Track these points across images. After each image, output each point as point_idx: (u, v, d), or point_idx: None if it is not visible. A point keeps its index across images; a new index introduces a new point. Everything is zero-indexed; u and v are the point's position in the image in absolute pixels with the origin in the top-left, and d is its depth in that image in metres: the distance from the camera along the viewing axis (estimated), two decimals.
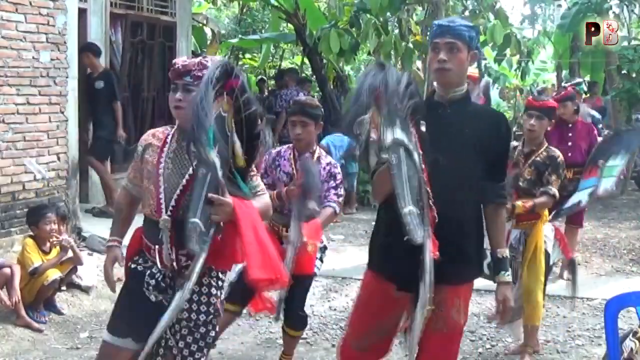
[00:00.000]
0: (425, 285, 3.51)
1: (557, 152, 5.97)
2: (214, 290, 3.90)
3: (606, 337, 3.99)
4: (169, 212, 3.77)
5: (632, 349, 4.19)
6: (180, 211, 3.72)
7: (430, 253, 3.50)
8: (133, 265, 4.01)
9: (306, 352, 6.28)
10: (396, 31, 15.31)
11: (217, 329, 4.03)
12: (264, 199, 3.90)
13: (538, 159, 5.90)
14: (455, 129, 3.84)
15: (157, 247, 3.84)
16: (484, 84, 7.82)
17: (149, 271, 3.90)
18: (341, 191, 5.62)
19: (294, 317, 5.66)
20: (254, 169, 3.92)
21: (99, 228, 9.25)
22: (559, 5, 22.55)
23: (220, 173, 3.48)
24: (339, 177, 5.59)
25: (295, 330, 5.74)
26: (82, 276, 7.58)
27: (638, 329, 4.14)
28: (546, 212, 5.99)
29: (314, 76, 16.04)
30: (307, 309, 6.81)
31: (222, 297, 4.05)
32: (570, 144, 8.27)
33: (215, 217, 3.53)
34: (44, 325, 6.76)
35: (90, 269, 7.87)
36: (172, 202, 3.78)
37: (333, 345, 6.40)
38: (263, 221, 3.80)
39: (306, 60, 17.48)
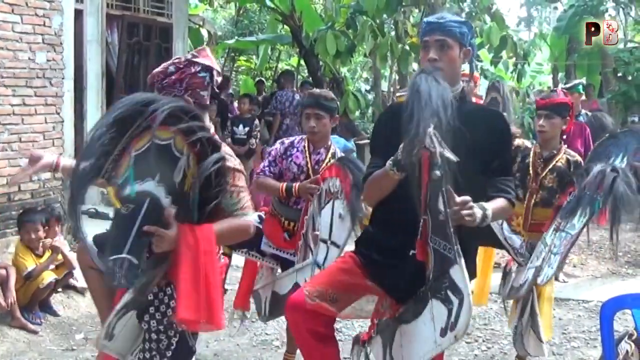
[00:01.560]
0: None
1: (577, 157, 5.58)
2: (172, 303, 3.63)
3: (602, 339, 3.99)
4: None
5: (627, 351, 4.18)
6: None
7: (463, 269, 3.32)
8: None
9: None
10: (392, 33, 15.35)
11: (174, 341, 3.72)
12: (237, 221, 3.62)
13: (559, 164, 5.48)
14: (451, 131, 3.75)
15: None
16: (499, 86, 7.69)
17: None
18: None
19: None
20: (237, 184, 3.66)
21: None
22: (555, 8, 22.63)
23: (163, 201, 3.33)
24: None
25: None
26: (77, 278, 7.56)
27: (634, 331, 4.13)
28: None
29: (310, 78, 16.04)
30: None
31: None
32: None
33: (156, 247, 3.36)
34: (39, 327, 6.75)
35: None
36: None
37: None
38: (236, 240, 3.75)
39: (303, 62, 17.48)
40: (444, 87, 3.42)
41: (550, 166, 5.47)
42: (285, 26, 17.21)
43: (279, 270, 5.55)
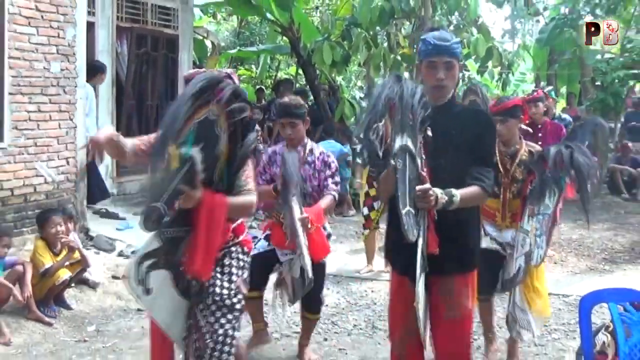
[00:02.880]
0: (417, 280, 3.67)
1: (537, 147, 5.72)
2: (234, 270, 4.06)
3: (580, 331, 4.01)
4: None
5: (604, 342, 4.21)
6: None
7: (422, 250, 3.66)
8: None
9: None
10: (385, 44, 15.35)
11: (242, 305, 4.11)
12: (243, 198, 3.95)
13: (524, 157, 5.57)
14: (443, 131, 3.84)
15: None
16: (476, 89, 7.81)
17: None
18: (337, 178, 5.75)
19: (312, 300, 5.74)
20: (247, 169, 3.99)
21: (106, 228, 9.26)
22: (537, 21, 22.68)
23: (199, 167, 3.66)
24: (334, 165, 5.72)
25: (313, 313, 5.87)
26: (90, 272, 7.58)
27: (610, 324, 4.15)
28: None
29: (308, 86, 16.05)
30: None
31: (245, 276, 4.15)
32: (540, 143, 8.27)
33: (182, 203, 3.68)
34: (54, 320, 6.76)
35: (98, 267, 7.89)
36: None
37: (325, 339, 6.42)
38: (240, 216, 4.11)
39: (300, 71, 17.48)
40: (411, 89, 3.64)
41: (517, 160, 5.55)
42: (284, 37, 17.20)
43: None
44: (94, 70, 10.00)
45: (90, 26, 10.13)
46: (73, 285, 7.34)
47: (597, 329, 4.30)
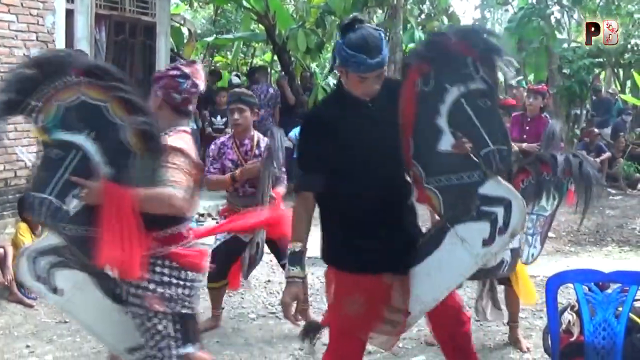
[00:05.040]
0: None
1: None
2: (151, 286, 3.66)
3: (547, 311, 4.05)
4: None
5: (569, 321, 4.27)
6: None
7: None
8: None
9: (275, 325, 6.31)
10: None
11: (165, 325, 3.71)
12: (159, 189, 3.48)
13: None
14: (379, 119, 3.64)
15: None
16: None
17: None
18: (284, 169, 5.92)
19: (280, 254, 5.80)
20: (172, 161, 3.59)
21: None
22: (506, 10, 22.69)
23: (93, 157, 3.42)
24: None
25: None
26: None
27: (575, 303, 4.21)
28: None
29: (283, 72, 16.02)
30: (276, 286, 6.86)
31: (171, 292, 3.71)
32: (525, 136, 8.28)
33: (82, 198, 3.43)
34: (35, 301, 6.73)
35: None
36: None
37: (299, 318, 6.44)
38: (158, 210, 3.51)
39: (276, 58, 17.44)
40: None
41: None
42: (260, 25, 17.15)
43: None
44: None
45: (70, 13, 10.05)
46: None
47: (563, 309, 4.36)
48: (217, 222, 10.39)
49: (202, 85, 3.96)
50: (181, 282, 3.73)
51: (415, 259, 3.72)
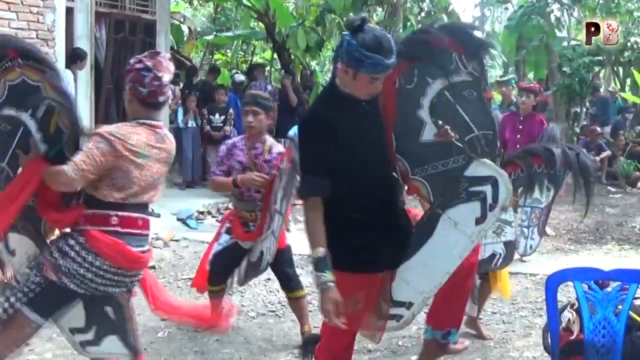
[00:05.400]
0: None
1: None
2: (55, 253, 3.81)
3: (547, 309, 4.05)
4: None
5: (569, 319, 4.26)
6: None
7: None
8: None
9: (275, 323, 6.31)
10: None
11: (37, 285, 3.85)
12: (58, 167, 3.70)
13: None
14: (374, 118, 3.69)
15: None
16: None
17: None
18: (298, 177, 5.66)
19: (286, 278, 5.69)
20: (87, 145, 3.75)
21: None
22: (506, 8, 22.71)
23: (33, 133, 3.84)
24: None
25: (294, 290, 5.71)
26: None
27: (575, 301, 4.20)
28: None
29: (283, 70, 16.03)
30: (276, 285, 6.86)
31: (64, 264, 3.79)
32: (519, 136, 8.23)
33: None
34: None
35: None
36: None
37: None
38: (52, 184, 3.76)
39: (276, 56, 17.45)
40: None
41: None
42: (260, 23, 17.15)
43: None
44: (74, 57, 9.91)
45: (70, 11, 10.05)
46: None
47: (562, 307, 4.35)
48: (217, 221, 10.48)
49: (166, 77, 3.89)
50: (83, 263, 3.78)
51: (409, 251, 3.78)
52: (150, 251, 4.10)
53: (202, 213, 10.58)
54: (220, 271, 5.67)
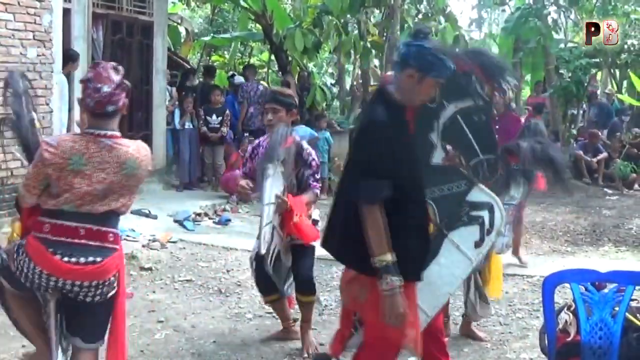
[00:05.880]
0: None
1: None
2: (15, 248, 3.96)
3: (544, 311, 4.06)
4: None
5: (566, 320, 4.26)
6: None
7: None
8: None
9: (272, 325, 6.27)
10: (355, 32, 15.39)
11: None
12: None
13: None
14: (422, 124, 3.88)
15: None
16: None
17: None
18: (318, 176, 5.62)
19: (301, 283, 5.58)
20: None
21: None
22: (503, 10, 22.77)
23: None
24: (314, 163, 5.56)
25: (305, 295, 5.62)
26: None
27: (572, 303, 4.21)
28: None
29: (280, 72, 16.04)
30: None
31: (17, 262, 3.89)
32: (496, 135, 8.23)
33: None
34: None
35: None
36: None
37: (296, 320, 6.43)
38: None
39: (273, 57, 17.45)
40: None
41: None
42: (257, 24, 17.15)
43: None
44: (67, 59, 9.89)
45: (67, 12, 10.02)
46: None
47: (559, 309, 4.35)
48: (214, 222, 10.49)
49: (105, 88, 3.79)
50: (24, 263, 3.84)
51: None
52: (102, 264, 3.82)
53: (199, 215, 10.56)
54: (264, 280, 5.54)
